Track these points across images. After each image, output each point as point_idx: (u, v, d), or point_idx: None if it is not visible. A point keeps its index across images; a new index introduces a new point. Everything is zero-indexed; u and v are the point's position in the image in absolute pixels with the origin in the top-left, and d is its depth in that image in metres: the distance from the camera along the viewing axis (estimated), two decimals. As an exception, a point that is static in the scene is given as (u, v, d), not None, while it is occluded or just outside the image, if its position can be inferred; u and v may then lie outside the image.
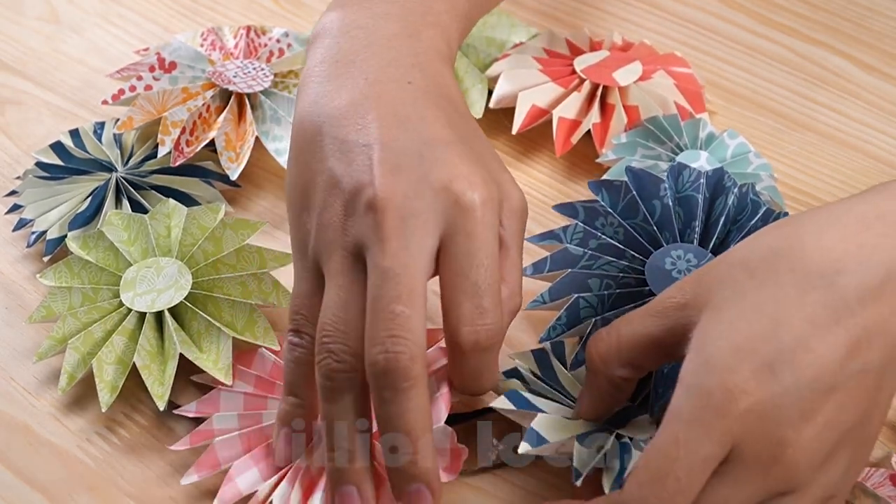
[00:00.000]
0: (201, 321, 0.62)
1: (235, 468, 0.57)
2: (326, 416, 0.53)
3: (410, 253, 0.53)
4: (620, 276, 0.62)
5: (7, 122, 0.78)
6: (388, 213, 0.53)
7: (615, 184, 0.66)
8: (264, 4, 0.87)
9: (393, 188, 0.53)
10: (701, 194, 0.64)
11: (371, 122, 0.55)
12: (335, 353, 0.53)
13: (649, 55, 0.78)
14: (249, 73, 0.75)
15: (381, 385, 0.52)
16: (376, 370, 0.51)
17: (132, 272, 0.64)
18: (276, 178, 0.74)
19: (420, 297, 0.52)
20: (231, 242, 0.65)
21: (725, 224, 0.64)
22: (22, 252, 0.70)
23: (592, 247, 0.64)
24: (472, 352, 0.54)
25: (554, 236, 0.65)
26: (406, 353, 0.51)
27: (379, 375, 0.51)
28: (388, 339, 0.51)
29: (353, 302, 0.53)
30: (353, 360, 0.53)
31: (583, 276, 0.63)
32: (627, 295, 0.61)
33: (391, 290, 0.52)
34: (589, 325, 0.61)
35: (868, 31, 0.83)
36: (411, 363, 0.51)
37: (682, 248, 0.63)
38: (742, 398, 0.48)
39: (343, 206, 0.54)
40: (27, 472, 0.59)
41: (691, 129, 0.72)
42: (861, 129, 0.76)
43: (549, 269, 0.64)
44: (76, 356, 0.61)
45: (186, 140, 0.71)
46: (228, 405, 0.60)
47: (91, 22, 0.86)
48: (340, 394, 0.53)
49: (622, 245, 0.64)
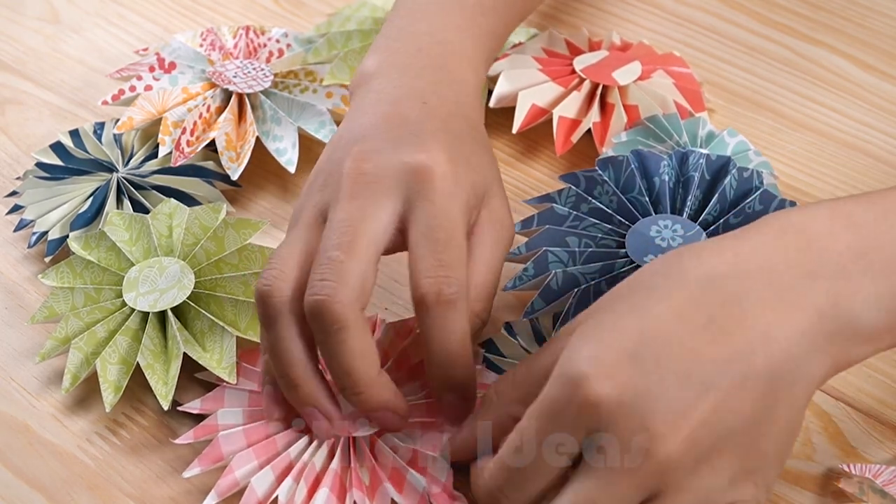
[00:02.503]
0: (204, 320, 0.62)
1: (236, 461, 0.57)
2: (271, 343, 0.56)
3: (362, 210, 0.56)
4: (600, 237, 0.63)
5: (7, 122, 0.78)
6: (353, 177, 0.57)
7: (619, 159, 0.67)
8: (264, 4, 0.87)
9: (365, 160, 0.57)
10: (698, 172, 0.65)
11: (377, 124, 0.60)
12: (269, 283, 0.56)
13: (648, 55, 0.78)
14: (249, 73, 0.75)
15: (314, 328, 0.54)
16: (307, 312, 0.54)
17: (135, 272, 0.64)
18: (277, 177, 0.74)
19: (361, 249, 0.55)
20: (233, 242, 0.65)
21: (720, 202, 0.65)
22: (23, 253, 0.70)
23: (583, 210, 0.65)
24: (436, 305, 0.54)
25: (549, 198, 0.67)
26: (333, 296, 0.53)
27: (310, 318, 0.54)
28: (318, 282, 0.54)
29: (303, 249, 0.56)
30: (285, 290, 0.55)
31: (562, 233, 0.64)
32: (602, 254, 0.62)
33: (333, 239, 0.55)
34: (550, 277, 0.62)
35: (868, 31, 0.83)
36: (340, 307, 0.53)
37: (671, 218, 0.64)
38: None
39: (324, 179, 0.59)
40: (27, 472, 0.59)
41: (691, 127, 0.72)
42: (861, 129, 0.76)
43: (536, 225, 0.65)
44: (80, 356, 0.61)
45: (187, 140, 0.71)
46: (233, 402, 0.60)
47: (91, 22, 0.86)
48: (272, 321, 0.55)
49: (611, 211, 0.65)
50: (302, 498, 0.55)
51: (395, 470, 0.56)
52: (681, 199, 0.65)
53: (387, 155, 0.57)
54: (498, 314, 0.65)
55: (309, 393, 0.56)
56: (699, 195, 0.65)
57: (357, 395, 0.55)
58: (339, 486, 0.56)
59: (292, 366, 0.55)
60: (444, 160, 0.57)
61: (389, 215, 0.56)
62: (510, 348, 0.62)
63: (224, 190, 0.72)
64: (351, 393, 0.55)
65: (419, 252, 0.55)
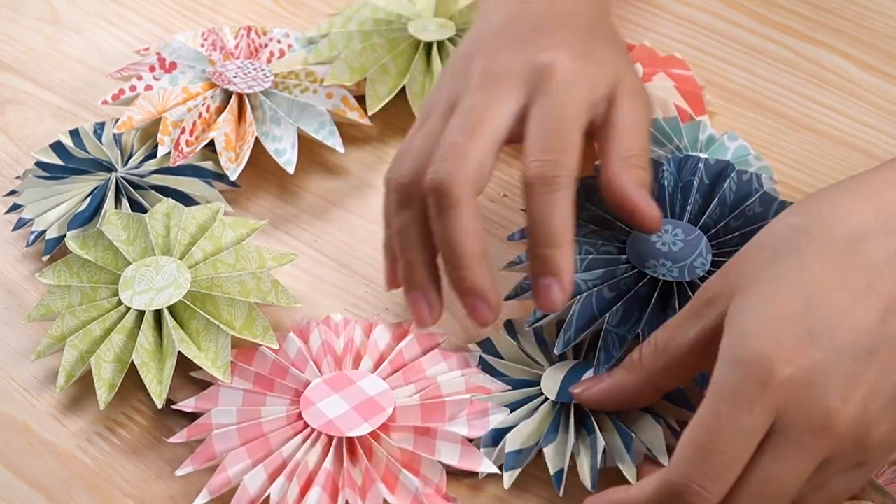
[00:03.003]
0: (200, 319, 0.62)
1: (229, 459, 0.57)
2: (396, 227, 0.60)
3: (487, 101, 0.59)
4: (601, 244, 0.63)
5: (7, 122, 0.78)
6: (481, 73, 0.61)
7: None
8: (264, 4, 0.87)
9: (493, 57, 0.61)
10: (697, 176, 0.65)
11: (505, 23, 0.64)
12: (399, 170, 0.60)
13: (650, 57, 0.78)
14: (250, 73, 0.75)
15: (429, 203, 0.58)
16: (426, 189, 0.58)
17: (131, 271, 0.64)
18: (276, 178, 0.74)
19: (482, 135, 0.58)
20: (230, 241, 0.65)
21: (720, 205, 0.64)
22: (21, 251, 0.70)
23: (583, 217, 0.65)
24: (539, 186, 0.57)
25: None
26: (452, 176, 0.57)
27: (427, 195, 0.58)
28: (439, 162, 0.58)
29: (431, 141, 0.60)
30: (415, 176, 0.59)
31: None
32: (603, 261, 0.62)
33: (456, 124, 0.59)
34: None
35: (868, 31, 0.83)
36: (457, 187, 0.57)
37: (672, 223, 0.64)
38: (783, 367, 0.49)
39: (455, 74, 0.63)
40: (27, 472, 0.59)
41: (691, 131, 0.72)
42: (861, 129, 0.76)
43: None
44: (74, 354, 0.62)
45: (186, 140, 0.71)
46: (227, 401, 0.60)
47: (91, 22, 0.86)
48: (403, 207, 0.60)
49: (611, 217, 0.64)
50: (294, 497, 0.55)
51: (387, 470, 0.56)
52: (680, 204, 0.65)
53: (513, 53, 0.61)
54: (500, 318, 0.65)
55: (421, 278, 0.59)
56: (699, 199, 0.65)
57: (459, 271, 0.57)
58: (332, 485, 0.56)
59: (412, 250, 0.59)
60: (567, 58, 0.60)
61: (512, 107, 0.60)
62: (509, 350, 0.62)
63: (223, 190, 0.72)
64: (454, 269, 0.57)
65: (530, 141, 0.59)
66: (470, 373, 0.61)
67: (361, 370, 0.61)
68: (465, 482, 0.58)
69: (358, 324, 0.64)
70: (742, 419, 0.48)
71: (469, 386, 0.60)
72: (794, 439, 0.49)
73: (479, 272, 0.57)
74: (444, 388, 0.60)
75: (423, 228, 0.59)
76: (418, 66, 0.77)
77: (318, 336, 0.62)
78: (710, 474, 0.49)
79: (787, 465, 0.49)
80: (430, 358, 0.62)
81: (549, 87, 0.59)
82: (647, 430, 0.57)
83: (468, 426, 0.58)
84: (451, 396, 0.59)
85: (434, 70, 0.77)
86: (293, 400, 0.60)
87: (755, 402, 0.48)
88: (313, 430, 0.58)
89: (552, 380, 0.59)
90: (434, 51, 0.77)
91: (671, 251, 0.63)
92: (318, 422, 0.58)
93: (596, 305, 0.60)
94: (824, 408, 0.49)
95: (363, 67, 0.77)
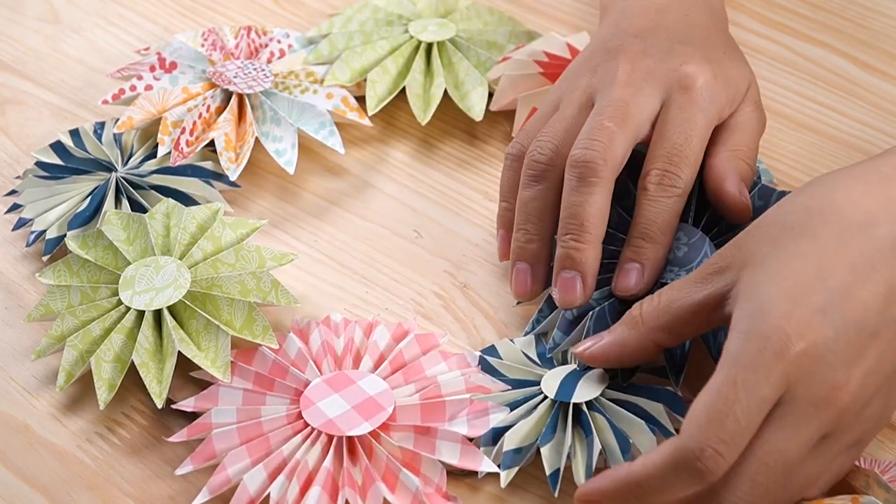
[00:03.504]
0: (200, 319, 0.62)
1: (229, 458, 0.57)
2: (522, 199, 0.63)
3: (634, 97, 0.63)
4: (605, 261, 0.63)
5: (7, 122, 0.78)
6: (628, 72, 0.64)
7: None
8: (264, 4, 0.87)
9: (639, 60, 0.65)
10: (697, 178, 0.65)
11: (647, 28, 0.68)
12: (541, 148, 0.63)
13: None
14: (250, 73, 0.75)
15: (571, 175, 0.61)
16: (571, 161, 0.61)
17: (131, 271, 0.64)
18: (276, 178, 0.74)
19: (629, 126, 0.62)
20: (230, 241, 0.65)
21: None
22: (21, 251, 0.70)
23: None
24: (655, 188, 0.61)
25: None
26: (600, 154, 0.61)
27: (571, 166, 0.61)
28: (588, 139, 0.61)
29: (572, 127, 0.63)
30: (553, 157, 0.63)
31: None
32: (609, 279, 0.62)
33: (609, 110, 0.62)
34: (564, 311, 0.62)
35: (868, 31, 0.83)
36: (602, 163, 0.60)
37: None
38: (797, 341, 0.50)
39: (594, 67, 0.66)
40: (27, 472, 0.59)
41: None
42: (861, 129, 0.76)
43: None
44: (74, 354, 0.62)
45: (186, 140, 0.71)
46: (227, 400, 0.60)
47: (91, 22, 0.86)
48: (536, 181, 0.63)
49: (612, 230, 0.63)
50: (294, 496, 0.55)
51: (388, 469, 0.56)
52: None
53: (658, 59, 0.65)
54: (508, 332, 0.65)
55: (533, 252, 0.62)
56: (699, 200, 0.65)
57: (579, 242, 0.60)
58: (332, 484, 0.56)
59: (534, 222, 0.62)
60: (707, 74, 0.64)
61: (652, 108, 0.64)
62: (510, 352, 0.62)
63: (223, 190, 0.72)
64: (574, 239, 0.60)
65: (654, 148, 0.63)
66: (470, 372, 0.61)
67: (361, 370, 0.61)
68: (466, 481, 0.58)
69: (358, 324, 0.64)
70: (759, 387, 0.50)
71: (469, 385, 0.60)
72: (800, 410, 0.50)
73: (594, 251, 0.60)
74: (444, 388, 0.60)
75: (550, 205, 0.62)
76: (418, 66, 0.77)
77: (318, 336, 0.62)
78: (726, 439, 0.49)
79: (792, 436, 0.51)
80: (430, 358, 0.62)
81: (684, 99, 0.63)
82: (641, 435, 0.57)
83: (468, 425, 0.58)
84: (451, 396, 0.59)
85: (434, 70, 0.77)
86: (293, 399, 0.60)
87: (771, 372, 0.50)
88: (313, 429, 0.58)
89: (553, 380, 0.59)
90: (434, 51, 0.77)
91: (676, 256, 0.63)
92: (318, 421, 0.58)
93: (610, 318, 0.61)
94: (830, 382, 0.51)
95: (363, 67, 0.77)
